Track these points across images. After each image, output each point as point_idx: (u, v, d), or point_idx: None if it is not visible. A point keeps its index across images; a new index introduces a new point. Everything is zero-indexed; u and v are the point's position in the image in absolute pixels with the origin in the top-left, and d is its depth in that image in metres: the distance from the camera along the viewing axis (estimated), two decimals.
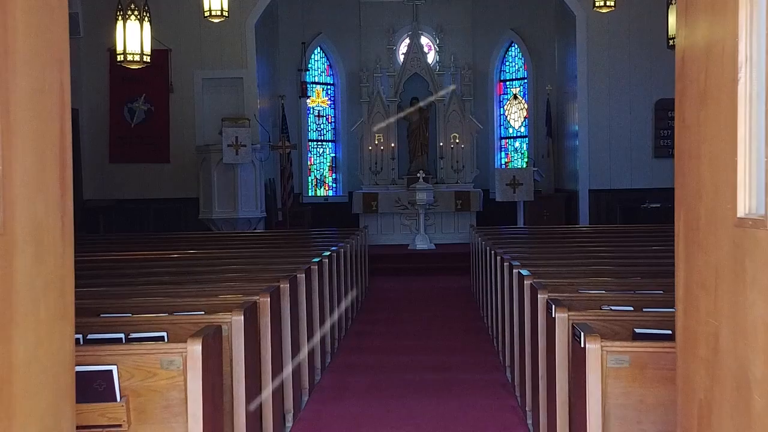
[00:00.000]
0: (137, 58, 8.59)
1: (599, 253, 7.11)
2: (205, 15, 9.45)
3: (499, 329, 6.73)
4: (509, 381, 6.00)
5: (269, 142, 13.82)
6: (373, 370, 6.63)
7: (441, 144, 15.50)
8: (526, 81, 17.01)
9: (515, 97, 17.14)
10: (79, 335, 3.39)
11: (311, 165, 17.17)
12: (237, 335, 3.76)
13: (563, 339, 3.62)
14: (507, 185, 13.88)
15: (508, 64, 17.30)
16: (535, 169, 14.36)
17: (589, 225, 12.97)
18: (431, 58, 16.19)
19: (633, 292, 4.57)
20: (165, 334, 3.58)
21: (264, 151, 13.16)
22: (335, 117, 17.30)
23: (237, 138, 12.27)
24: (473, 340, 7.76)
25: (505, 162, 17.30)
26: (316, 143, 17.23)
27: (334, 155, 17.35)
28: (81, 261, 5.84)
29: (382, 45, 16.13)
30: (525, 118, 17.11)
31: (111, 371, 2.98)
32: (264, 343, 4.34)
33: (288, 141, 14.44)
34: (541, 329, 4.18)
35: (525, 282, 4.89)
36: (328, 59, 17.15)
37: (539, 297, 4.21)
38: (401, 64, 15.89)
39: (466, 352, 7.27)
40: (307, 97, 16.47)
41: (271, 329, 4.42)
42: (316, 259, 6.49)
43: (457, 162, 15.47)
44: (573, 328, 3.40)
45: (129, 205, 13.50)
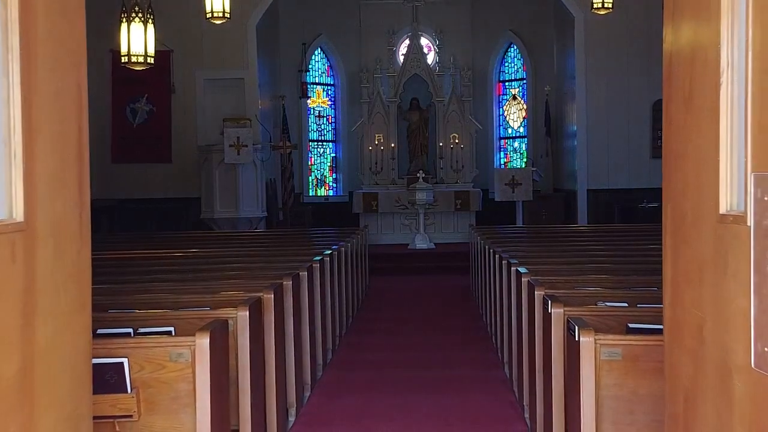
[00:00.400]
0: (141, 59, 8.66)
1: (596, 252, 7.20)
2: (207, 16, 9.51)
3: (498, 327, 6.82)
4: (507, 377, 6.10)
5: (270, 142, 13.89)
6: (374, 366, 6.72)
7: (441, 144, 15.55)
8: (525, 82, 17.09)
9: (514, 98, 17.22)
10: None
11: (312, 165, 17.25)
12: (242, 330, 3.85)
13: (559, 333, 3.72)
14: (506, 185, 13.96)
15: (507, 64, 17.38)
16: (534, 169, 14.43)
17: (587, 224, 13.04)
18: (431, 58, 16.25)
19: (628, 289, 4.68)
20: (172, 328, 3.68)
21: (265, 151, 13.24)
22: (335, 117, 17.39)
23: (238, 138, 12.36)
24: (473, 337, 7.84)
25: (504, 162, 17.39)
26: (316, 143, 17.31)
27: (334, 155, 17.43)
28: None
29: (382, 46, 16.18)
30: (524, 118, 17.20)
31: (122, 363, 3.08)
32: (268, 339, 4.44)
33: (289, 141, 14.51)
34: (538, 325, 4.28)
35: (523, 279, 4.98)
36: (328, 60, 17.23)
37: (536, 293, 4.31)
38: (401, 64, 15.94)
39: (465, 349, 7.34)
40: (308, 98, 16.53)
41: (275, 325, 4.51)
42: (317, 258, 6.58)
43: (457, 162, 15.52)
44: (568, 322, 3.50)
45: (131, 205, 13.57)
